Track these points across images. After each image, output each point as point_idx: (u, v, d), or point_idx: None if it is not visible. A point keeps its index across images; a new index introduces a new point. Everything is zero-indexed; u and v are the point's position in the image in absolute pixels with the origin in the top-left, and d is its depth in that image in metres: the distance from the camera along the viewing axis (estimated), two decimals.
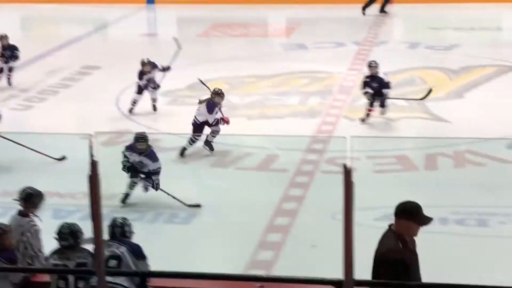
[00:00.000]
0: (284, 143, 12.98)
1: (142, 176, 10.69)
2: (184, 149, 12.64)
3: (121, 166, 10.71)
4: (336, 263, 4.83)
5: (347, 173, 4.53)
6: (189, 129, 12.77)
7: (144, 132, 10.90)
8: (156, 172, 10.62)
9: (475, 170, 11.85)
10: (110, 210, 9.86)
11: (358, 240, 7.30)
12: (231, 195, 11.34)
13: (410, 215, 5.72)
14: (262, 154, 12.63)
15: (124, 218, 7.52)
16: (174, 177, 11.66)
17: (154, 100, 15.10)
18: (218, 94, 12.88)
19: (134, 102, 14.97)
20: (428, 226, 9.95)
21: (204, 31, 22.98)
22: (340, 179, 4.55)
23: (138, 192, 10.84)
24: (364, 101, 15.50)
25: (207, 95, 13.12)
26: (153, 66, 15.08)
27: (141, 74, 14.89)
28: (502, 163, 12.05)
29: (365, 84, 14.31)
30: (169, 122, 14.66)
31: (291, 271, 8.09)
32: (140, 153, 10.60)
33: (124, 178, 10.73)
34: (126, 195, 10.77)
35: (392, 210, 10.27)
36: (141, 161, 10.60)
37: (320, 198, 10.83)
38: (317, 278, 6.30)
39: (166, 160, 12.20)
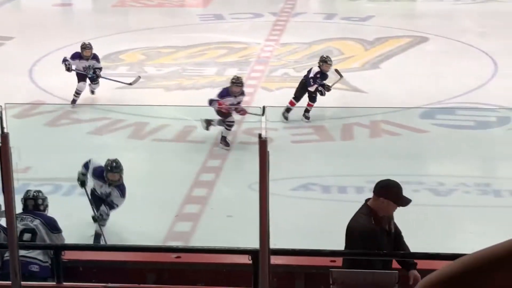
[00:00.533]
0: (201, 114, 12.91)
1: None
2: (224, 137, 11.74)
3: (33, 139, 10.47)
4: (253, 233, 4.84)
5: (262, 143, 4.54)
6: (104, 100, 12.61)
7: (118, 160, 9.01)
8: (114, 207, 8.96)
9: (390, 140, 12.04)
10: (23, 183, 9.67)
11: (275, 210, 7.35)
12: (148, 166, 11.25)
13: (389, 194, 5.65)
14: (180, 125, 12.56)
15: (38, 191, 7.39)
16: (90, 149, 11.50)
17: (92, 91, 13.85)
18: (233, 82, 11.93)
19: (78, 93, 13.53)
20: (345, 195, 10.19)
21: (119, 1, 22.63)
22: (257, 149, 4.55)
23: (52, 163, 10.65)
24: (281, 71, 15.59)
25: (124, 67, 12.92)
26: (94, 56, 13.69)
27: (75, 57, 13.58)
28: (416, 132, 12.26)
29: (314, 80, 12.79)
30: (84, 93, 14.41)
31: (208, 242, 8.10)
32: (110, 184, 8.90)
33: (38, 151, 10.52)
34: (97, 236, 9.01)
35: (309, 180, 10.47)
36: (110, 193, 8.92)
37: (238, 169, 10.86)
38: (234, 248, 6.35)
39: (82, 133, 12.04)
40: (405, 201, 5.67)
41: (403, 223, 9.09)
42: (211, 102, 11.74)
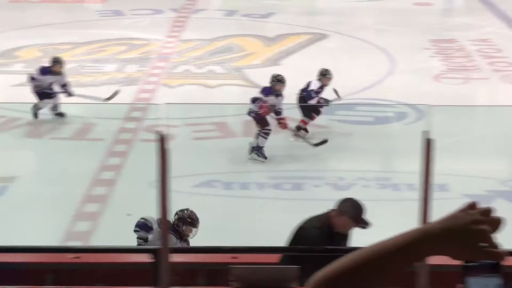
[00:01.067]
0: (101, 111, 12.71)
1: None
2: (259, 147, 10.97)
3: None
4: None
5: (162, 140, 4.47)
6: None
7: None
8: None
9: (291, 135, 12.10)
10: None
11: (177, 207, 7.29)
12: (47, 166, 11.00)
13: (352, 214, 5.75)
14: (79, 122, 12.34)
15: None
16: None
17: (56, 106, 12.38)
18: (278, 80, 11.39)
19: (39, 109, 12.26)
20: (247, 191, 10.21)
21: None
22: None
23: None
24: (183, 68, 15.54)
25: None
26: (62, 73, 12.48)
27: (45, 71, 12.31)
28: (316, 128, 12.37)
29: (316, 93, 12.13)
30: None
31: (109, 241, 7.98)
32: (183, 238, 7.55)
33: None
34: None
35: (211, 177, 10.43)
36: None
37: (139, 167, 10.70)
38: (134, 247, 6.27)
39: None
40: (365, 223, 5.78)
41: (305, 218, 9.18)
42: (254, 100, 11.11)
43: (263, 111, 11.04)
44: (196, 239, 7.46)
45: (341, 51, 16.93)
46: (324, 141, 10.92)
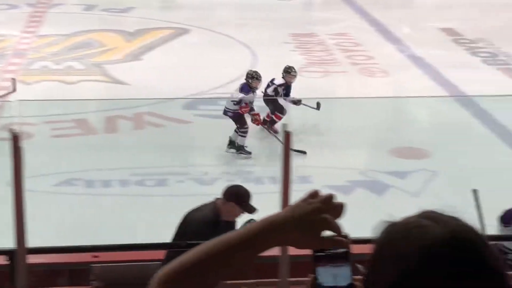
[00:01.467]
0: None
1: None
2: (240, 146, 11.11)
3: None
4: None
5: (15, 138, 4.32)
6: None
7: None
8: None
9: (154, 131, 12.02)
10: None
11: (36, 207, 7.06)
12: None
13: (239, 200, 5.85)
14: None
15: None
16: None
17: None
18: (254, 77, 11.40)
19: None
20: (109, 189, 10.05)
21: None
22: None
23: None
24: (40, 64, 15.16)
25: None
26: None
27: None
28: (179, 123, 12.33)
29: (275, 92, 12.18)
30: None
31: None
32: None
33: None
34: None
35: (71, 175, 10.20)
36: None
37: None
38: None
39: None
40: (251, 209, 5.88)
41: (171, 214, 9.14)
42: (238, 102, 11.15)
43: (244, 110, 11.15)
44: (56, 239, 7.24)
45: (202, 46, 16.92)
46: (303, 152, 10.88)
